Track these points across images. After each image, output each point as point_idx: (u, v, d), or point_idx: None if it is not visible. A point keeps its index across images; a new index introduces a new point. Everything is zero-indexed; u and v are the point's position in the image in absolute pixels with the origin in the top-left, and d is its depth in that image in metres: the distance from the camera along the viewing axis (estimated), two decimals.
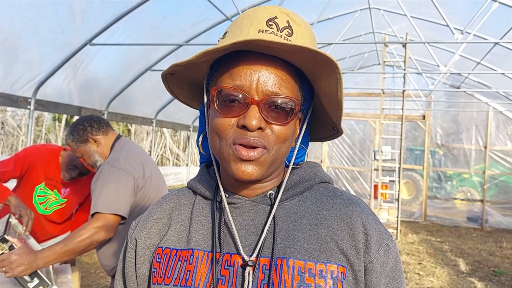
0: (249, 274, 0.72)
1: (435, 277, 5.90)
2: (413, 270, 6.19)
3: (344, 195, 0.83)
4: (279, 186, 0.81)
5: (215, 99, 0.74)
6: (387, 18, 7.34)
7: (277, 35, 0.72)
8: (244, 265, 0.73)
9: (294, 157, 0.83)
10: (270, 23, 0.73)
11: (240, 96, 0.71)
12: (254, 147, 0.71)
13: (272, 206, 0.78)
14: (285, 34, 0.72)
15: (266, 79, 0.71)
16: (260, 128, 0.71)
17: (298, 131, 0.82)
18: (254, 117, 0.70)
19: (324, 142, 10.85)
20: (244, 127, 0.71)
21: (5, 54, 4.10)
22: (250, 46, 0.70)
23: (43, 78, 4.76)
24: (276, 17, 0.73)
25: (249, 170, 0.72)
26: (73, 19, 4.49)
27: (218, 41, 0.79)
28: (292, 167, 0.85)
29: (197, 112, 9.69)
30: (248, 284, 0.71)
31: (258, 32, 0.72)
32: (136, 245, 0.85)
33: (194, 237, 0.79)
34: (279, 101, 0.72)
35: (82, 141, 2.30)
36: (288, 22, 0.74)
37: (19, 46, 4.25)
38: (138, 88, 6.56)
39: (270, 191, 0.80)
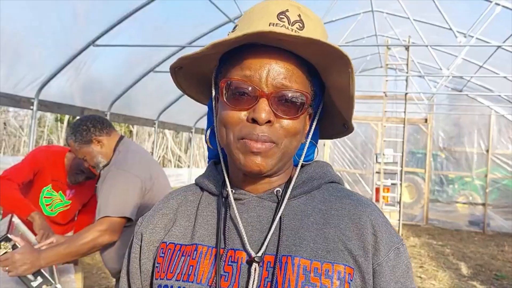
0: (255, 270, 0.70)
1: (436, 280, 5.88)
2: (415, 274, 6.16)
3: (354, 195, 0.80)
4: (287, 183, 0.79)
5: (224, 91, 0.72)
6: (390, 21, 7.34)
7: (288, 28, 0.70)
8: (250, 261, 0.71)
9: (304, 154, 0.81)
10: (281, 16, 0.71)
11: (250, 88, 0.70)
12: (263, 142, 0.70)
13: (278, 203, 0.76)
14: (296, 27, 0.71)
15: (276, 72, 0.70)
16: (269, 122, 0.70)
17: (308, 126, 0.80)
18: (263, 110, 0.69)
19: (326, 145, 10.85)
20: (253, 121, 0.69)
21: (8, 55, 4.11)
22: (260, 39, 0.68)
23: (46, 79, 4.77)
24: (287, 10, 0.72)
25: (258, 162, 0.70)
26: (75, 21, 4.50)
27: (228, 34, 0.77)
28: (301, 165, 0.82)
29: (199, 114, 9.70)
30: (253, 281, 0.69)
31: (269, 25, 0.70)
32: (141, 240, 0.83)
33: (198, 232, 0.78)
34: (289, 95, 0.70)
35: (85, 142, 2.23)
36: (299, 15, 0.72)
37: (22, 47, 4.27)
38: (141, 89, 6.57)
39: (277, 188, 0.78)
